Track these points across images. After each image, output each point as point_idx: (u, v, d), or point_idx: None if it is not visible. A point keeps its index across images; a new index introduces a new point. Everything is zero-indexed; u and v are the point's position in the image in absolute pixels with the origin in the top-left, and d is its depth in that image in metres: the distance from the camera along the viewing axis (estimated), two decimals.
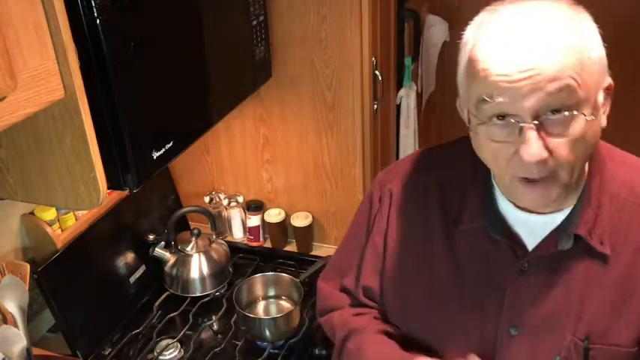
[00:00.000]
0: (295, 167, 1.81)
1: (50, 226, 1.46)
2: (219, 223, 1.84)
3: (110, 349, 1.52)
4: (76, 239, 1.51)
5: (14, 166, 1.07)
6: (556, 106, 0.81)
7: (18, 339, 1.15)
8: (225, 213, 1.90)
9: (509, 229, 0.97)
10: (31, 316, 1.44)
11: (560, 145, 0.83)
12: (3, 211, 1.43)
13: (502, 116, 0.83)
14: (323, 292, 1.21)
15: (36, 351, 1.35)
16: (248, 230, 1.89)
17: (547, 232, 0.94)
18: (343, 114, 1.68)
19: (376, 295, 1.12)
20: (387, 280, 1.09)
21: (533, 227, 0.95)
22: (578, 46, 0.81)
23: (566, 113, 0.81)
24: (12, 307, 1.19)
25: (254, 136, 1.80)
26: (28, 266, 1.28)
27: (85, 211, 1.52)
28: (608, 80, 0.88)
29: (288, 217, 1.87)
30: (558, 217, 0.94)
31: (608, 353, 0.94)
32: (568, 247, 0.92)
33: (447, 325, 1.03)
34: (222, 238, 1.85)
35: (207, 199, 1.89)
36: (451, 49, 2.96)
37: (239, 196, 1.90)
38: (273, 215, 1.85)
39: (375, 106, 1.73)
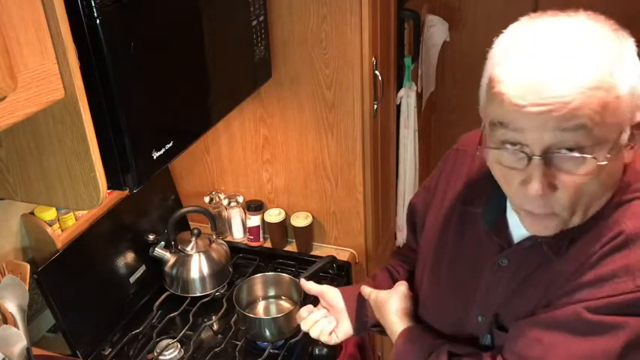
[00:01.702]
0: (295, 167, 1.81)
1: (50, 226, 1.46)
2: (219, 223, 1.84)
3: (110, 349, 1.52)
4: (76, 239, 1.51)
5: (14, 166, 1.07)
6: (569, 145, 0.78)
7: (18, 339, 1.15)
8: (225, 213, 1.90)
9: (502, 225, 0.97)
10: (31, 316, 1.44)
11: (568, 181, 0.80)
12: (3, 211, 1.43)
13: (514, 143, 0.81)
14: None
15: (36, 351, 1.35)
16: (248, 230, 1.89)
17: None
18: (343, 114, 1.68)
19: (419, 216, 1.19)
20: (422, 242, 1.15)
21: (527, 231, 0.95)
22: (606, 84, 0.76)
23: (577, 155, 0.78)
24: (12, 307, 1.19)
25: (254, 136, 1.80)
26: (28, 266, 1.28)
27: (85, 211, 1.53)
28: None
29: (288, 217, 1.87)
30: None
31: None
32: (527, 244, 0.93)
33: (436, 301, 1.08)
34: (222, 238, 1.85)
35: (207, 199, 1.89)
36: (451, 49, 2.98)
37: (239, 196, 1.90)
38: (273, 215, 1.85)
39: (375, 106, 1.73)
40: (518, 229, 0.96)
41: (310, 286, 1.33)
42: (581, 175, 0.79)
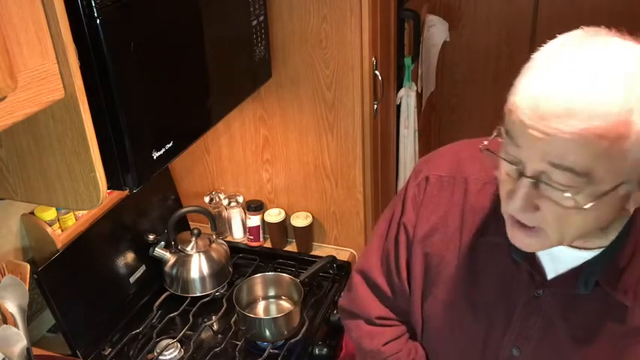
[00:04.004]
0: (295, 167, 1.81)
1: (50, 226, 1.46)
2: (219, 223, 1.84)
3: (110, 349, 1.52)
4: (76, 239, 1.51)
5: (14, 165, 1.07)
6: (557, 180, 0.75)
7: (18, 339, 1.15)
8: (225, 213, 1.90)
9: (532, 254, 0.92)
10: (31, 316, 1.44)
11: (551, 209, 0.77)
12: (3, 211, 1.43)
13: (513, 155, 0.79)
14: (357, 289, 1.16)
15: (36, 351, 1.35)
16: (248, 230, 1.89)
17: (570, 266, 0.90)
18: (343, 114, 1.68)
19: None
20: (411, 274, 1.07)
21: (557, 256, 0.91)
22: (613, 135, 0.70)
23: (561, 191, 0.75)
24: (12, 307, 1.19)
25: (254, 136, 1.80)
26: (28, 266, 1.28)
27: (85, 211, 1.53)
28: None
29: (288, 217, 1.87)
30: (584, 255, 0.88)
31: None
32: (586, 292, 0.89)
33: (455, 332, 1.03)
34: (222, 238, 1.85)
35: (207, 199, 1.89)
36: (451, 49, 2.97)
37: (239, 196, 1.90)
38: (273, 215, 1.85)
39: (375, 106, 1.73)
40: (542, 253, 0.93)
41: None
42: (565, 207, 0.77)
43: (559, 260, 0.91)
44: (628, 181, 0.75)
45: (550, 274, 0.93)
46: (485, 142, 0.84)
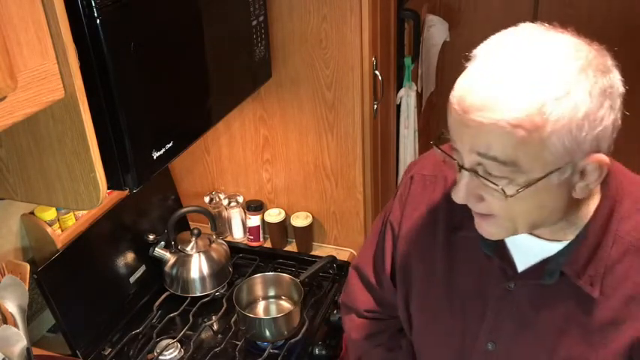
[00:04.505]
0: (295, 167, 1.81)
1: (50, 226, 1.46)
2: (219, 223, 1.84)
3: (110, 349, 1.52)
4: (76, 239, 1.51)
5: (14, 165, 1.07)
6: (487, 169, 0.79)
7: (18, 339, 1.15)
8: (225, 213, 1.90)
9: (502, 247, 0.95)
10: (31, 316, 1.44)
11: (491, 197, 0.82)
12: (3, 211, 1.43)
13: (454, 148, 0.83)
14: (351, 283, 1.21)
15: (36, 351, 1.35)
16: (248, 230, 1.89)
17: (539, 259, 0.92)
18: (343, 114, 1.68)
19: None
20: (396, 268, 1.10)
21: (527, 249, 0.92)
22: (528, 124, 0.73)
23: (494, 180, 0.79)
24: (12, 307, 1.19)
25: (254, 136, 1.80)
26: (28, 266, 1.28)
27: (85, 211, 1.53)
28: (597, 157, 0.77)
29: (288, 217, 1.87)
30: (554, 247, 0.90)
31: None
32: (550, 283, 0.90)
33: (435, 327, 1.05)
34: (222, 238, 1.85)
35: (207, 199, 1.89)
36: (451, 49, 2.98)
37: (239, 196, 1.90)
38: (273, 215, 1.85)
39: (375, 106, 1.73)
40: (512, 246, 0.94)
41: None
42: (502, 196, 0.79)
43: (529, 253, 0.93)
44: (561, 169, 0.77)
45: (521, 268, 0.94)
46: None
